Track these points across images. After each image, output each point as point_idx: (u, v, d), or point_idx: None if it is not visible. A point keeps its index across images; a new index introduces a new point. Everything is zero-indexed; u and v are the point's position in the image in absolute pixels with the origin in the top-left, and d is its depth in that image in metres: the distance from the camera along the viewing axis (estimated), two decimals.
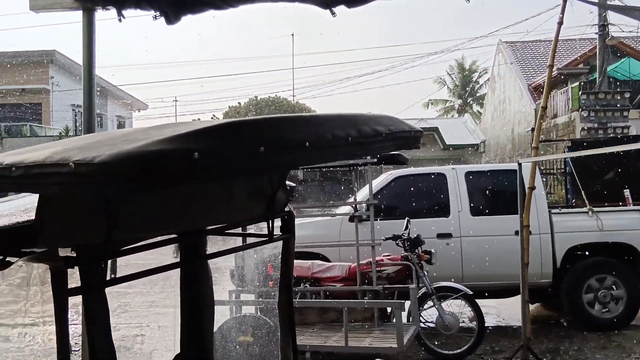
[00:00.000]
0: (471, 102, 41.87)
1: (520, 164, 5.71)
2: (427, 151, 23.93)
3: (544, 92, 6.09)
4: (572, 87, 19.12)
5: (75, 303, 1.58)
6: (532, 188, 5.78)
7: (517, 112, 24.88)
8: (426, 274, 6.06)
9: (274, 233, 2.19)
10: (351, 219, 6.55)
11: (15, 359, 6.42)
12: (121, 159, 1.06)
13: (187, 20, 2.83)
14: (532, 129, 6.62)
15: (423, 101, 43.66)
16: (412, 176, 7.71)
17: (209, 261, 2.29)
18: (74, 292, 1.47)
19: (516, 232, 6.10)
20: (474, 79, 41.41)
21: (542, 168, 12.00)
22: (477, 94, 41.03)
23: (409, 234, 6.14)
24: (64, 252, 1.51)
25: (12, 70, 28.62)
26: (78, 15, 3.59)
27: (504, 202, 7.11)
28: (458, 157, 26.38)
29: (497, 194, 7.45)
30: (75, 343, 5.28)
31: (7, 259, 1.44)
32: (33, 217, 1.40)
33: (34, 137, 26.22)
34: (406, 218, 6.40)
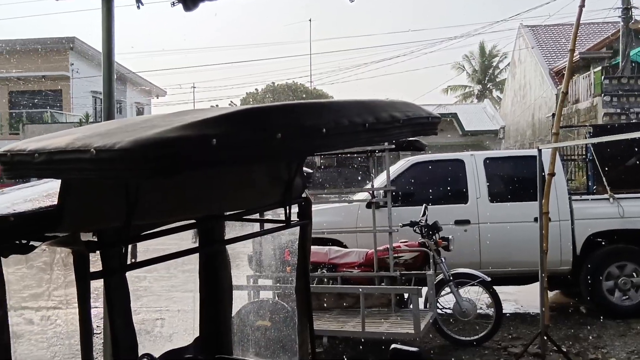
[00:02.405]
0: (491, 88, 41.38)
1: (540, 150, 5.65)
2: (445, 137, 23.76)
3: (565, 77, 6.00)
4: (594, 72, 18.80)
5: (97, 286, 1.61)
6: (552, 174, 5.72)
7: (537, 98, 24.55)
8: (443, 260, 6.05)
9: (292, 219, 2.21)
10: (368, 205, 6.55)
11: (39, 341, 6.57)
12: (141, 145, 1.08)
13: (205, 6, 2.84)
14: (553, 115, 6.55)
15: (442, 87, 43.27)
16: (430, 162, 7.67)
17: (227, 246, 2.32)
18: (96, 276, 1.50)
19: (535, 219, 6.05)
20: (494, 64, 40.88)
21: (562, 154, 11.86)
22: (497, 79, 40.53)
23: (426, 220, 6.12)
24: (85, 236, 1.54)
25: (33, 57, 28.92)
26: (97, 1, 3.62)
27: (523, 188, 7.04)
28: (477, 143, 26.13)
29: (516, 180, 7.39)
30: (97, 326, 5.39)
31: (31, 243, 1.47)
32: (55, 202, 1.42)
33: (54, 124, 26.52)
34: (424, 204, 6.38)
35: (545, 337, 5.53)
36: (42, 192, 1.59)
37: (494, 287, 6.15)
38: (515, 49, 28.79)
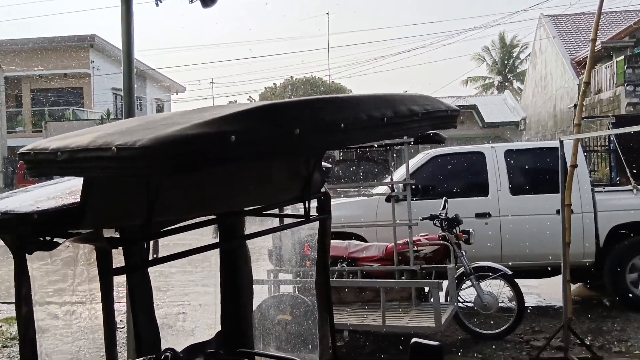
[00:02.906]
0: (511, 79, 40.91)
1: (562, 142, 5.57)
2: (465, 129, 23.56)
3: (587, 66, 5.90)
4: (616, 61, 18.47)
5: (119, 282, 1.63)
6: (574, 166, 5.64)
7: (559, 88, 24.21)
8: (464, 253, 6.01)
9: (311, 214, 2.21)
10: (388, 199, 6.53)
11: (64, 335, 6.69)
12: (161, 143, 1.09)
13: (222, 2, 2.84)
14: (575, 105, 6.43)
15: (461, 78, 42.96)
16: (449, 155, 7.61)
17: (248, 241, 2.33)
18: (118, 271, 1.52)
19: (557, 211, 5.98)
20: (515, 55, 40.38)
21: (585, 145, 11.69)
22: (518, 70, 40.04)
23: (446, 213, 6.09)
24: (108, 233, 1.56)
25: (55, 55, 29.31)
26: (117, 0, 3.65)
27: (545, 180, 6.96)
28: (497, 135, 25.86)
29: (537, 172, 7.30)
30: (121, 320, 5.47)
31: (54, 239, 1.50)
32: (78, 200, 1.44)
33: (76, 121, 26.88)
34: (444, 198, 6.34)
35: (568, 330, 5.48)
36: (65, 190, 1.61)
37: (516, 280, 6.10)
38: (535, 39, 28.40)
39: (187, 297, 8.49)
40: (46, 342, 6.19)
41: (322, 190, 2.28)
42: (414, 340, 2.00)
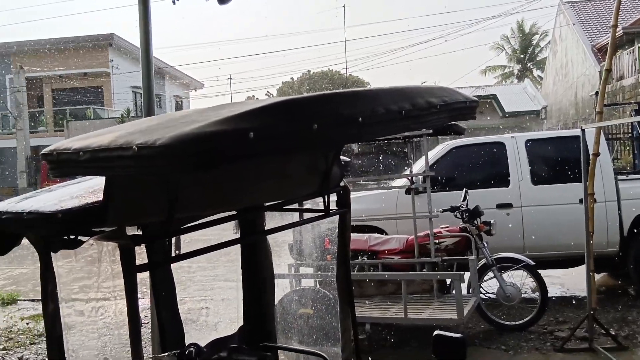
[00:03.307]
0: (531, 67, 40.37)
1: (583, 130, 5.49)
2: (485, 120, 23.33)
3: (608, 53, 5.80)
4: (638, 47, 18.11)
5: (143, 278, 1.65)
6: (597, 154, 5.56)
7: (580, 75, 23.83)
8: (486, 245, 5.97)
9: (330, 208, 2.22)
10: (407, 192, 6.51)
11: (89, 331, 6.80)
12: (180, 141, 1.10)
13: None
14: (596, 93, 6.34)
15: (480, 68, 42.41)
16: (469, 146, 7.55)
17: (268, 236, 2.34)
18: (142, 268, 1.54)
19: (580, 201, 5.92)
20: (534, 43, 39.83)
21: (607, 133, 11.50)
22: (537, 58, 39.49)
23: (467, 205, 6.05)
24: (130, 230, 1.58)
25: (74, 55, 29.68)
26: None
27: (567, 170, 6.87)
28: (518, 124, 25.57)
29: (559, 161, 7.21)
30: (145, 316, 5.55)
31: (79, 237, 1.52)
32: (101, 198, 1.47)
33: (97, 120, 27.19)
34: (464, 189, 6.30)
35: (593, 321, 5.42)
36: (88, 189, 1.63)
37: (539, 270, 6.05)
38: (555, 26, 27.97)
39: (209, 292, 8.57)
40: (72, 338, 6.31)
41: (342, 184, 2.28)
42: (436, 332, 2.00)
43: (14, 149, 26.99)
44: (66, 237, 1.51)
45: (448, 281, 6.15)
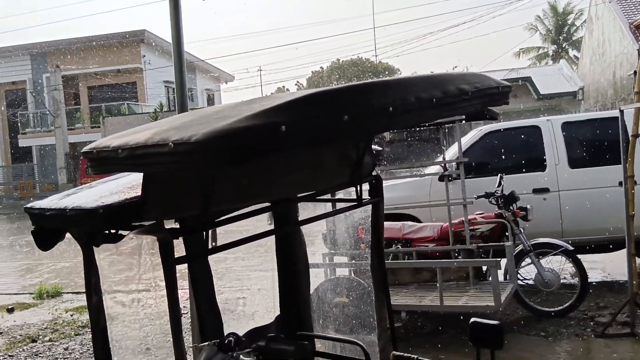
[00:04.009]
0: (567, 47, 39.33)
1: (622, 111, 5.35)
2: (519, 103, 22.86)
3: None
4: None
5: (181, 269, 1.69)
6: (636, 136, 5.42)
7: (618, 54, 23.11)
8: (522, 231, 5.89)
9: (363, 197, 2.22)
10: (441, 179, 6.45)
11: (131, 322, 6.98)
12: (214, 137, 1.13)
13: None
14: (635, 72, 6.15)
15: (513, 50, 41.57)
16: (503, 131, 7.42)
17: (302, 226, 2.37)
18: (180, 260, 1.58)
19: (620, 183, 5.78)
20: (569, 22, 38.78)
21: None
22: (573, 38, 38.46)
23: (502, 190, 5.97)
24: (168, 224, 1.62)
25: (107, 52, 30.22)
26: None
27: (606, 152, 6.71)
28: (554, 107, 24.99)
29: (597, 144, 7.03)
30: (184, 307, 5.66)
31: (119, 232, 1.57)
32: (139, 194, 1.51)
33: (131, 115, 27.65)
34: (499, 174, 6.22)
35: (634, 305, 5.31)
36: (127, 185, 1.68)
37: (578, 255, 5.94)
38: (591, 4, 27.15)
39: (246, 282, 8.69)
40: (115, 328, 6.49)
41: (374, 173, 2.29)
42: (473, 319, 1.99)
43: (53, 146, 27.71)
44: (107, 232, 1.56)
45: (484, 268, 6.09)
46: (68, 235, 1.66)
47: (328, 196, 2.33)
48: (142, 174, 1.45)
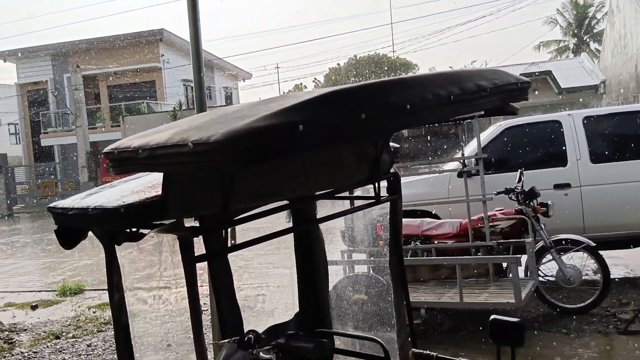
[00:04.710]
0: (588, 40, 38.75)
1: None
2: (539, 97, 22.59)
3: None
4: None
5: (201, 267, 1.71)
6: None
7: None
8: (543, 227, 5.83)
9: (381, 194, 2.22)
10: (460, 175, 6.42)
11: (152, 319, 7.06)
12: (233, 137, 1.14)
13: None
14: None
15: (533, 44, 41.09)
16: (523, 126, 7.34)
17: (321, 224, 2.38)
18: (200, 258, 1.60)
19: None
20: (590, 15, 38.18)
21: None
22: (594, 31, 37.87)
23: (522, 186, 5.91)
24: (188, 222, 1.64)
25: (126, 51, 30.52)
26: None
27: (629, 146, 6.61)
28: (575, 100, 24.64)
29: (620, 138, 6.93)
30: (204, 304, 5.71)
31: (140, 230, 1.60)
32: (159, 193, 1.53)
33: (151, 114, 27.90)
34: (519, 170, 6.16)
35: None
36: (147, 184, 1.70)
37: (600, 251, 5.87)
38: None
39: (265, 279, 8.73)
40: (137, 325, 6.57)
41: (392, 170, 2.28)
42: (493, 316, 1.98)
43: (74, 145, 28.08)
44: (128, 231, 1.58)
45: (504, 265, 6.05)
46: (90, 233, 1.69)
47: (346, 194, 2.33)
48: (162, 174, 1.47)
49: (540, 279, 5.88)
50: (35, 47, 31.93)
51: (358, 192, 2.59)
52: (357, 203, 2.37)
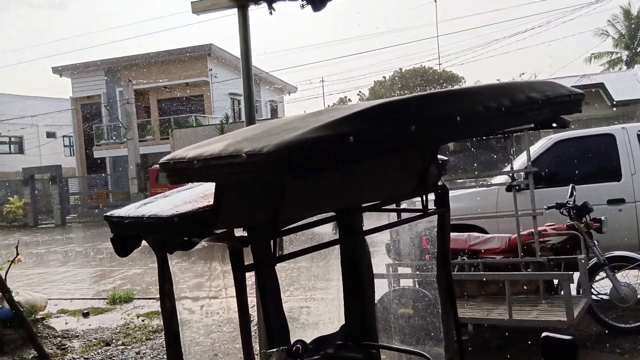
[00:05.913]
0: None
1: None
2: (591, 110, 21.96)
3: None
4: None
5: (248, 277, 1.74)
6: None
7: None
8: (596, 243, 5.64)
9: (429, 207, 2.21)
10: (509, 189, 6.29)
11: (200, 328, 7.16)
12: (285, 148, 1.16)
13: (332, 4, 2.91)
14: None
15: (584, 56, 40.05)
16: (575, 139, 7.16)
17: (366, 236, 2.37)
18: (250, 268, 1.62)
19: None
20: None
21: None
22: None
23: (574, 201, 5.75)
24: (238, 232, 1.67)
25: (176, 66, 31.36)
26: (231, 10, 3.85)
27: None
28: (628, 114, 23.84)
29: None
30: (251, 314, 5.76)
31: (192, 239, 1.64)
32: (211, 203, 1.57)
33: (199, 127, 28.49)
34: (570, 185, 6.00)
35: None
36: (199, 194, 1.75)
37: None
38: None
39: (310, 291, 8.73)
40: (185, 334, 6.67)
41: (440, 183, 2.27)
42: (544, 334, 1.93)
43: (125, 157, 28.94)
44: (181, 239, 1.63)
45: (555, 282, 5.87)
46: (143, 242, 1.74)
47: (393, 206, 2.32)
48: (214, 184, 1.51)
49: (593, 297, 5.68)
50: (89, 62, 33.20)
51: (404, 204, 2.57)
52: (404, 215, 2.36)
